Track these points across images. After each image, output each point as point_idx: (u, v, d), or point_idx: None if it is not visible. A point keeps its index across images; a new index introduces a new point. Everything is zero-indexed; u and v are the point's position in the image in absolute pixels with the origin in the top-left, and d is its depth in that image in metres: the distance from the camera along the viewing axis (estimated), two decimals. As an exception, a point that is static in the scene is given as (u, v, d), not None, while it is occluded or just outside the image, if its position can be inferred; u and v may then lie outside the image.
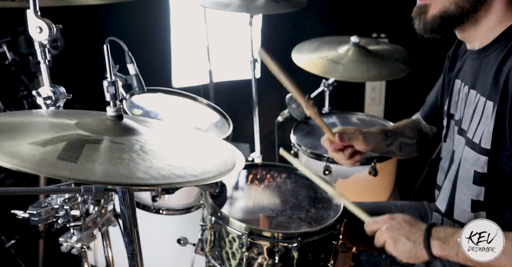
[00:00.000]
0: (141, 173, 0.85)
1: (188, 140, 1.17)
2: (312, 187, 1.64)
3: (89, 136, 0.95)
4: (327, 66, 2.21)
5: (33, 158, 0.83)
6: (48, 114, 1.14)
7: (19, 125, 0.98)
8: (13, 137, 0.90)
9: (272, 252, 1.34)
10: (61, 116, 1.10)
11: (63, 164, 0.82)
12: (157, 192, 1.38)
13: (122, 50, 1.63)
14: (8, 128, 0.94)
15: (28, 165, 0.81)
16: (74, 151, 0.86)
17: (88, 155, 0.86)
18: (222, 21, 2.89)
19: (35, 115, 1.10)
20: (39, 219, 1.18)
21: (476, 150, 1.18)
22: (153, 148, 0.97)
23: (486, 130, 1.15)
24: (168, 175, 0.87)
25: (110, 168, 0.84)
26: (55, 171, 0.80)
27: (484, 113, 1.16)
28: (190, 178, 0.89)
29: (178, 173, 0.89)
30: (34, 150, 0.86)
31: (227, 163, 1.03)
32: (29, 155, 0.84)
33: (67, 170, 0.81)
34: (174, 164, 0.93)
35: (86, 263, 1.32)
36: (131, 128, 1.02)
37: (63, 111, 1.21)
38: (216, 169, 0.98)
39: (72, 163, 0.83)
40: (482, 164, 1.17)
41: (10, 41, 2.19)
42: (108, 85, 0.98)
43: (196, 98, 1.98)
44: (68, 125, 1.00)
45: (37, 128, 0.99)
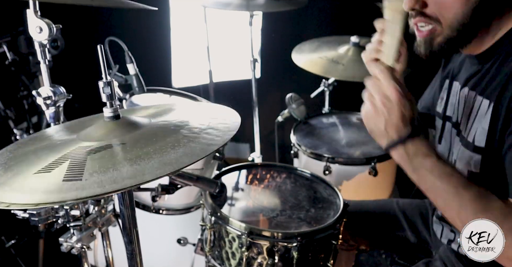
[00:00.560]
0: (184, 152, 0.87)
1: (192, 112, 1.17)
2: (312, 187, 1.64)
3: (92, 146, 0.93)
4: (327, 66, 2.21)
5: (40, 187, 0.82)
6: (50, 134, 1.12)
7: (25, 156, 0.96)
8: (20, 171, 0.89)
9: (271, 252, 1.34)
10: (63, 133, 1.09)
11: (69, 185, 0.81)
12: (157, 192, 1.38)
13: (122, 50, 1.63)
14: (15, 163, 0.93)
15: (37, 196, 0.80)
16: (77, 168, 0.85)
17: (92, 168, 0.85)
18: (222, 21, 2.89)
19: (38, 140, 1.07)
20: (39, 219, 1.18)
21: (470, 148, 1.18)
22: (183, 124, 0.99)
23: (480, 128, 1.15)
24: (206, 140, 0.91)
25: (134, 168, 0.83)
26: (63, 196, 0.79)
27: (479, 112, 1.17)
28: (229, 132, 0.96)
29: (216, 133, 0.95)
30: (41, 178, 0.84)
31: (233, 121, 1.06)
32: (36, 185, 0.83)
33: (73, 190, 0.79)
34: (206, 130, 0.97)
35: (86, 263, 1.32)
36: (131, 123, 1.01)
37: (65, 125, 1.19)
38: (233, 125, 1.02)
39: (77, 181, 0.81)
40: (475, 163, 1.17)
41: (10, 41, 2.20)
42: (103, 86, 0.98)
43: (196, 98, 1.98)
44: (71, 141, 0.98)
45: (41, 153, 0.96)
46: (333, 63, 2.21)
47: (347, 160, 2.02)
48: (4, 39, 2.17)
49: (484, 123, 1.13)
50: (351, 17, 3.06)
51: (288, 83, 3.17)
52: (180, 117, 1.08)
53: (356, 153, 2.07)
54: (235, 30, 2.94)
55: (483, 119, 1.14)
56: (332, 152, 2.06)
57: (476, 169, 1.17)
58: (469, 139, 1.19)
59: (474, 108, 1.19)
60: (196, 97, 1.98)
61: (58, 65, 1.49)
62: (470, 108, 1.22)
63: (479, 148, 1.15)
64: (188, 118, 1.06)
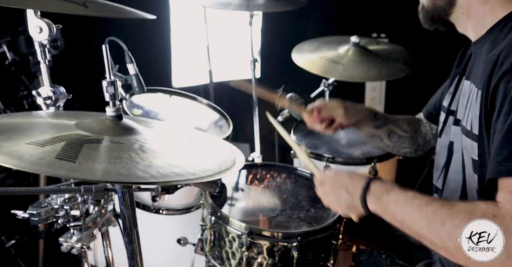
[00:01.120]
0: (140, 171, 0.85)
1: (187, 139, 1.17)
2: (312, 187, 1.64)
3: (89, 136, 0.95)
4: (327, 66, 2.21)
5: (31, 157, 0.83)
6: (47, 116, 1.14)
7: (18, 127, 0.98)
8: (12, 137, 0.90)
9: (272, 252, 1.34)
10: (61, 117, 1.10)
11: (62, 163, 0.82)
12: (157, 192, 1.38)
13: (122, 50, 1.63)
14: (7, 129, 0.95)
15: (27, 164, 0.81)
16: (72, 151, 0.87)
17: (87, 155, 0.87)
18: (222, 21, 2.89)
19: (35, 117, 1.10)
20: (39, 219, 1.18)
21: (470, 137, 1.20)
22: (152, 147, 0.97)
23: (473, 116, 1.17)
24: (166, 173, 0.88)
25: (109, 167, 0.85)
26: (53, 170, 0.80)
27: (472, 100, 1.19)
28: (189, 176, 0.90)
29: (177, 171, 0.89)
30: (33, 149, 0.86)
31: (226, 161, 1.03)
32: (27, 154, 0.84)
33: (65, 169, 0.81)
34: (173, 162, 0.93)
35: (86, 263, 1.32)
36: (130, 128, 1.02)
37: (63, 113, 1.21)
38: (216, 167, 0.98)
39: (71, 162, 0.83)
40: (475, 150, 1.18)
41: (10, 41, 2.20)
42: (107, 85, 0.99)
43: (196, 98, 1.98)
44: (68, 126, 1.00)
45: (36, 129, 0.99)
46: (333, 63, 2.21)
47: (347, 160, 2.02)
48: (4, 39, 2.17)
49: (476, 111, 1.15)
50: (351, 17, 3.06)
51: (288, 83, 3.16)
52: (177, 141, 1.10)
53: (356, 153, 2.07)
54: (235, 30, 2.94)
55: (475, 107, 1.16)
56: (332, 152, 2.06)
57: (476, 156, 1.18)
58: (468, 127, 1.21)
59: (470, 96, 1.22)
60: (196, 98, 1.98)
61: (58, 65, 1.49)
62: (466, 97, 1.24)
63: (475, 135, 1.17)
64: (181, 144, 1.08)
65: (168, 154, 0.99)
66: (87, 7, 1.10)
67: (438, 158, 1.41)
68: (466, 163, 1.26)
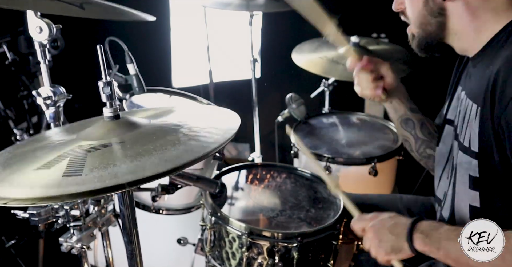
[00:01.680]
0: (185, 152, 0.87)
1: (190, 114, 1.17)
2: (312, 187, 1.64)
3: (92, 144, 0.93)
4: (327, 66, 2.21)
5: (40, 182, 0.82)
6: (51, 135, 1.12)
7: (25, 156, 0.97)
8: (20, 168, 0.90)
9: (272, 252, 1.34)
10: (63, 134, 1.09)
11: (69, 180, 0.81)
12: (157, 192, 1.38)
13: (122, 50, 1.63)
14: (14, 162, 0.94)
15: (37, 190, 0.80)
16: (77, 164, 0.86)
17: (92, 164, 0.85)
18: (222, 21, 2.89)
19: (39, 140, 1.08)
20: (39, 219, 1.18)
21: (468, 153, 1.18)
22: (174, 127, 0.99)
23: (472, 133, 1.15)
24: (209, 139, 0.91)
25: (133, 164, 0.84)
26: (62, 189, 0.79)
27: (470, 116, 1.17)
28: (225, 135, 0.95)
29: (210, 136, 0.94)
30: (40, 174, 0.85)
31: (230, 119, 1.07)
32: (36, 180, 0.83)
33: (74, 184, 0.80)
34: (201, 133, 0.97)
35: (86, 263, 1.32)
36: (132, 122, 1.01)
37: (65, 127, 1.19)
38: (230, 125, 1.01)
39: (78, 176, 0.82)
40: (474, 168, 1.17)
41: (10, 41, 2.20)
42: (103, 86, 0.98)
43: (196, 98, 1.98)
44: (70, 140, 0.99)
45: (41, 152, 0.97)
46: (333, 63, 2.21)
47: (347, 160, 2.02)
48: (4, 39, 2.17)
49: (475, 128, 1.14)
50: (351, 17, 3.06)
51: (288, 83, 3.17)
52: (180, 118, 1.08)
53: (356, 153, 2.07)
54: (235, 30, 2.94)
55: (473, 123, 1.15)
56: (332, 152, 2.06)
57: (476, 173, 1.17)
58: (465, 143, 1.19)
59: (467, 112, 1.20)
60: (196, 97, 1.98)
61: (58, 65, 1.49)
62: (464, 112, 1.23)
63: (474, 152, 1.15)
64: (188, 118, 1.06)
65: (193, 127, 1.00)
66: (84, 9, 1.09)
67: (436, 167, 1.41)
68: (459, 179, 1.25)
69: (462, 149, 1.21)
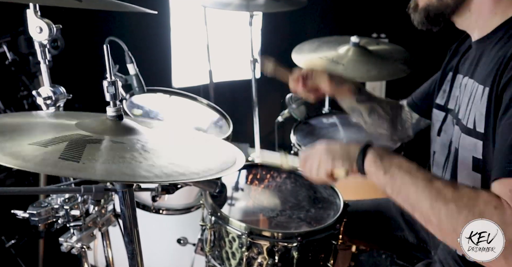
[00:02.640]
0: (143, 171, 0.86)
1: (188, 139, 1.17)
2: (312, 187, 1.64)
3: (90, 136, 0.95)
4: (327, 66, 2.21)
5: (35, 158, 0.83)
6: (48, 116, 1.14)
7: (20, 127, 0.98)
8: (13, 138, 0.90)
9: (272, 252, 1.34)
10: (61, 118, 1.10)
11: (66, 164, 0.82)
12: (157, 192, 1.38)
13: (122, 50, 1.63)
14: (8, 130, 0.95)
15: (31, 165, 0.81)
16: (76, 151, 0.87)
17: (90, 154, 0.87)
18: (222, 21, 2.89)
19: (35, 117, 1.10)
20: (39, 219, 1.17)
21: (472, 135, 1.19)
22: (154, 147, 0.97)
23: (478, 114, 1.16)
24: (170, 172, 0.88)
25: (113, 167, 0.85)
26: (58, 170, 0.81)
27: (476, 97, 1.18)
28: (192, 175, 0.90)
29: (180, 170, 0.90)
30: (36, 150, 0.86)
31: (227, 160, 1.03)
32: (31, 155, 0.84)
33: (70, 169, 0.81)
34: (176, 162, 0.94)
35: (86, 263, 1.32)
36: (131, 128, 1.02)
37: (63, 113, 1.21)
38: (218, 166, 0.99)
39: (75, 162, 0.83)
40: (478, 149, 1.17)
41: (10, 41, 2.20)
42: (108, 85, 0.99)
43: (196, 98, 1.98)
44: (69, 126, 1.00)
45: (37, 129, 0.99)
46: (333, 63, 2.21)
47: (347, 160, 2.02)
48: (4, 39, 2.17)
49: (481, 109, 1.14)
50: (351, 17, 3.07)
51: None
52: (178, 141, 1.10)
53: (356, 153, 2.07)
54: (235, 30, 2.94)
55: (479, 104, 1.15)
56: (332, 152, 2.05)
57: (479, 154, 1.17)
58: (469, 125, 1.19)
59: (471, 95, 1.21)
60: (196, 98, 1.98)
61: (58, 65, 1.49)
62: (468, 95, 1.23)
63: (479, 133, 1.16)
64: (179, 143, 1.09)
65: (170, 154, 0.99)
66: (81, 0, 1.09)
67: (439, 157, 1.41)
68: (462, 162, 1.26)
69: (465, 131, 1.21)
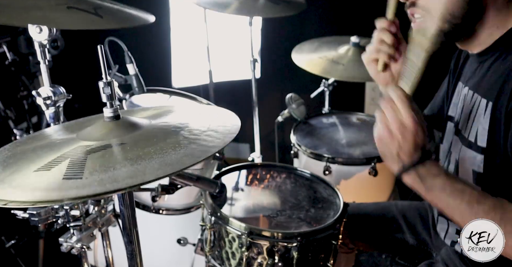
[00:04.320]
0: (184, 155, 0.87)
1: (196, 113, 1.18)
2: (312, 187, 1.64)
3: (92, 145, 0.93)
4: (327, 66, 2.21)
5: (40, 185, 0.81)
6: (50, 133, 1.12)
7: (24, 154, 0.96)
8: (19, 168, 0.89)
9: (271, 252, 1.34)
10: (63, 133, 1.09)
11: (69, 183, 0.80)
12: (157, 192, 1.38)
13: (122, 50, 1.63)
14: (14, 161, 0.93)
15: (37, 193, 0.79)
16: (77, 167, 0.85)
17: (94, 165, 0.85)
18: (222, 21, 2.89)
19: (38, 139, 1.07)
20: (39, 219, 1.18)
21: (473, 148, 1.18)
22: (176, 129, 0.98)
23: (481, 128, 1.15)
24: (209, 142, 0.91)
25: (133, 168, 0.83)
26: (63, 194, 0.79)
27: (478, 111, 1.16)
28: (227, 138, 0.95)
29: (216, 138, 0.94)
30: (40, 176, 0.84)
31: (231, 123, 1.06)
32: (36, 183, 0.83)
33: (74, 188, 0.79)
34: (204, 133, 0.97)
35: (86, 263, 1.32)
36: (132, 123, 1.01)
37: (64, 125, 1.19)
38: (232, 126, 1.02)
39: (78, 179, 0.81)
40: (479, 163, 1.17)
41: (10, 41, 2.20)
42: (103, 86, 0.98)
43: (196, 98, 1.98)
44: (70, 140, 0.98)
45: (41, 151, 0.96)
46: (333, 63, 2.21)
47: (347, 160, 2.02)
48: (4, 39, 2.17)
49: (484, 123, 1.13)
50: (351, 17, 3.06)
51: (288, 83, 3.17)
52: (180, 119, 1.08)
53: (356, 153, 2.07)
54: (235, 30, 2.94)
55: (482, 119, 1.14)
56: (332, 152, 2.06)
57: (480, 168, 1.17)
58: (471, 138, 1.18)
59: (474, 107, 1.19)
60: (196, 98, 1.98)
61: (58, 65, 1.49)
62: (469, 108, 1.22)
63: (481, 148, 1.15)
64: (188, 120, 1.06)
65: (193, 129, 1.00)
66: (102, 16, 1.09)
67: (440, 163, 1.41)
68: (460, 174, 1.25)
69: (466, 144, 1.21)
